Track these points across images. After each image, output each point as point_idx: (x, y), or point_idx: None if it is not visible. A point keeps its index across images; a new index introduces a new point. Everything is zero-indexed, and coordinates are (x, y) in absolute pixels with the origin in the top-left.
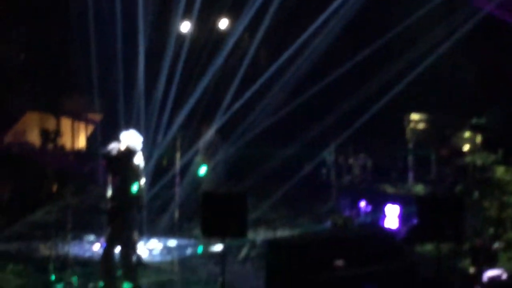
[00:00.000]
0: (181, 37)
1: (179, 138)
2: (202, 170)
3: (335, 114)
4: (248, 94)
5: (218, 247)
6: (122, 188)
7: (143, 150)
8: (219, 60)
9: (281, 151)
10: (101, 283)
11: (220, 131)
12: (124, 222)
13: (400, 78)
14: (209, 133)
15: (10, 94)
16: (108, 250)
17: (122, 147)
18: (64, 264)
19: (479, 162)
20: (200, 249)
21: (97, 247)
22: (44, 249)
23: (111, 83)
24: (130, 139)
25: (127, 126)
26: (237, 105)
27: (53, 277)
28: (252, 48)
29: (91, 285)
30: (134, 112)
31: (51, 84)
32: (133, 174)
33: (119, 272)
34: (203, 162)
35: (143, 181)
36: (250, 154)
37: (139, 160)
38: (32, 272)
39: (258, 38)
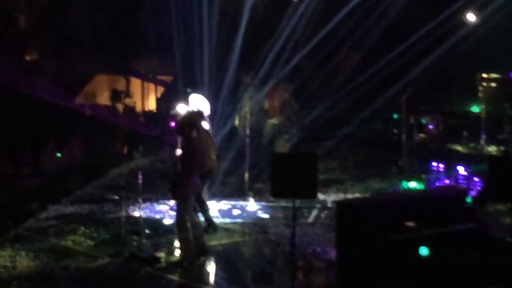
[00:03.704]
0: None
1: (251, 100)
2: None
3: (407, 74)
4: (320, 56)
5: None
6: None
7: (212, 113)
8: (289, 22)
9: (353, 113)
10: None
11: (293, 93)
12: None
13: (471, 36)
14: (284, 95)
15: (80, 57)
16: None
17: (190, 109)
18: (135, 226)
19: None
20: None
21: (167, 209)
22: (115, 211)
23: (181, 45)
24: (198, 102)
25: (196, 89)
26: (309, 67)
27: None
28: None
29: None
30: (205, 74)
31: (120, 47)
32: (202, 137)
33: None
34: (277, 124)
35: (213, 143)
36: (323, 116)
37: (206, 124)
38: (103, 234)
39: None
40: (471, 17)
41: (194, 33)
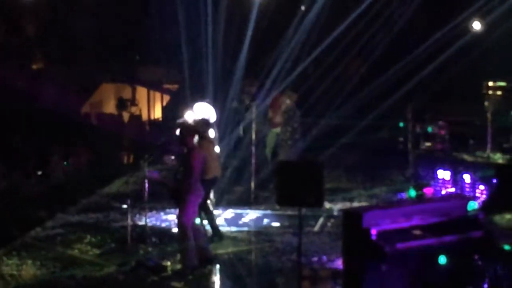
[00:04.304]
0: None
1: (255, 107)
2: None
3: (412, 82)
4: (325, 64)
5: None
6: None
7: (218, 121)
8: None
9: (358, 120)
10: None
11: (297, 102)
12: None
13: (478, 44)
14: (288, 103)
15: (86, 65)
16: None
17: (196, 118)
18: (142, 235)
19: None
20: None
21: (173, 218)
22: (121, 220)
23: (188, 53)
24: (204, 110)
25: (201, 97)
26: (313, 75)
27: None
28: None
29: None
30: (210, 83)
31: (127, 55)
32: (204, 145)
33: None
34: (280, 132)
35: (217, 151)
36: (327, 124)
37: (212, 132)
38: (110, 243)
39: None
40: (476, 25)
41: (200, 41)
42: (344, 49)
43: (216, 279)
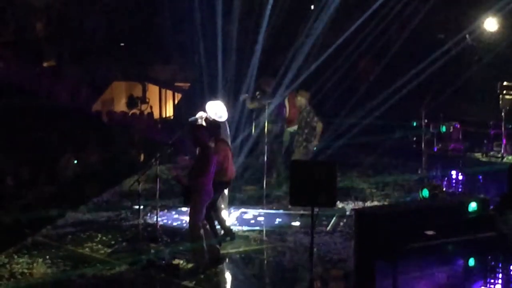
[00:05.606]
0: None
1: (267, 106)
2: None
3: (426, 81)
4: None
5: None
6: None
7: (230, 120)
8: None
9: (372, 120)
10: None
11: (311, 100)
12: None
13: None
14: (303, 102)
15: (98, 63)
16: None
17: (208, 117)
18: (153, 234)
19: None
20: None
21: (184, 217)
22: (132, 219)
23: (200, 52)
24: (216, 109)
25: (214, 96)
26: (326, 74)
27: None
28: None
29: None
30: (222, 81)
31: (139, 53)
32: (220, 146)
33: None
34: (295, 131)
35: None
36: (340, 123)
37: (226, 130)
38: (121, 242)
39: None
40: (491, 24)
41: (213, 39)
42: (358, 48)
43: (228, 278)
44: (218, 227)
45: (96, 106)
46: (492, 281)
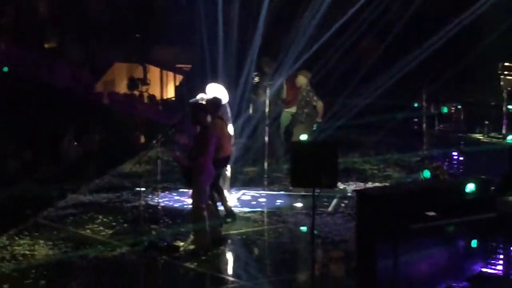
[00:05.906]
0: None
1: (268, 87)
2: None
3: (429, 63)
4: (341, 44)
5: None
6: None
7: (231, 101)
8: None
9: (373, 101)
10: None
11: (311, 81)
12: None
13: (493, 25)
14: (304, 82)
15: (99, 45)
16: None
17: (208, 98)
18: (154, 215)
19: None
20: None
21: (186, 198)
22: (134, 200)
23: (201, 33)
24: (216, 91)
25: (215, 78)
26: (328, 55)
27: None
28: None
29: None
30: (223, 63)
31: (140, 34)
32: (217, 124)
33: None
34: (295, 112)
35: (231, 131)
36: (343, 104)
37: (227, 111)
38: (122, 223)
39: None
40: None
41: (214, 21)
42: (360, 29)
43: (229, 259)
44: (220, 208)
45: (97, 87)
46: (492, 262)
